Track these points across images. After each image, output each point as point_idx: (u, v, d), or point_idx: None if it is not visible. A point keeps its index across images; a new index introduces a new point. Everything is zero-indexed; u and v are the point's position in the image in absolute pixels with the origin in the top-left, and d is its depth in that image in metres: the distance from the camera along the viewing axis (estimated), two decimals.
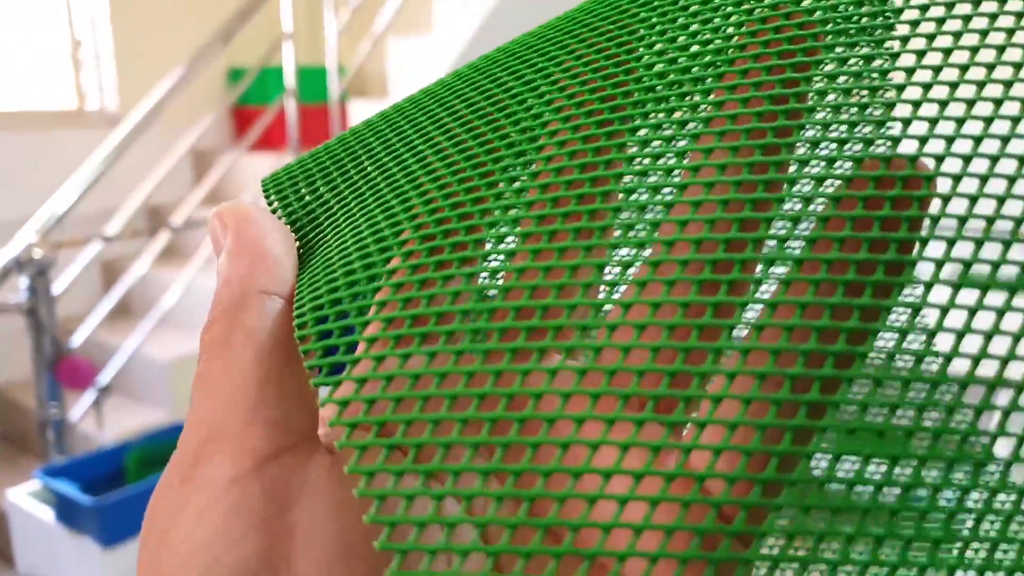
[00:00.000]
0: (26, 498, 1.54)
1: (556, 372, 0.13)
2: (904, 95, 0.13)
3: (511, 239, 0.16)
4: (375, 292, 0.15)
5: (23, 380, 2.37)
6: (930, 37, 0.13)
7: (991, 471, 0.12)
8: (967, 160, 0.12)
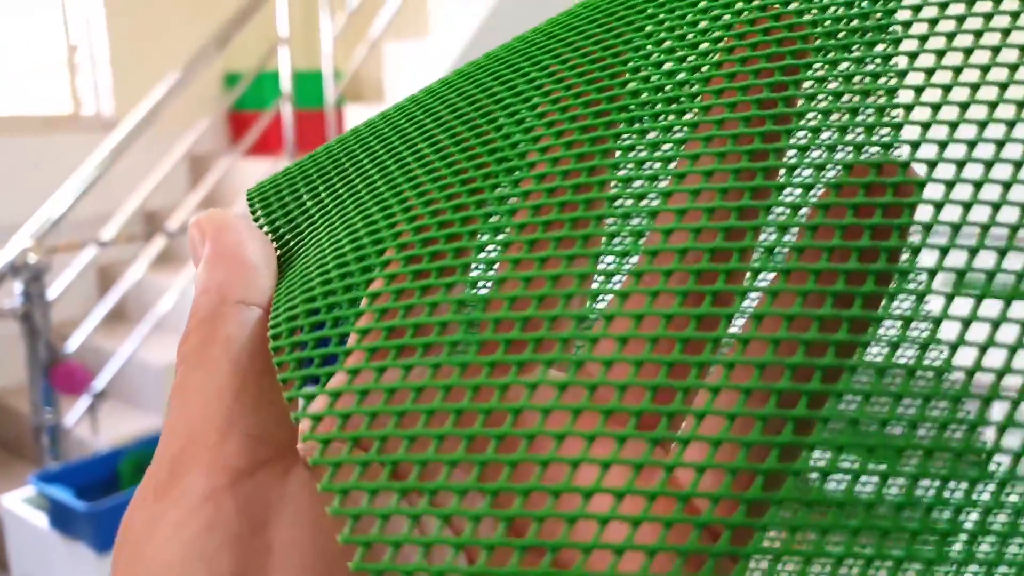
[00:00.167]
0: (20, 504, 1.53)
1: (536, 387, 0.12)
2: (896, 98, 0.13)
3: (494, 250, 0.16)
4: (353, 304, 0.14)
5: (18, 385, 2.36)
6: (923, 38, 0.13)
7: (985, 489, 0.12)
8: (960, 165, 0.12)
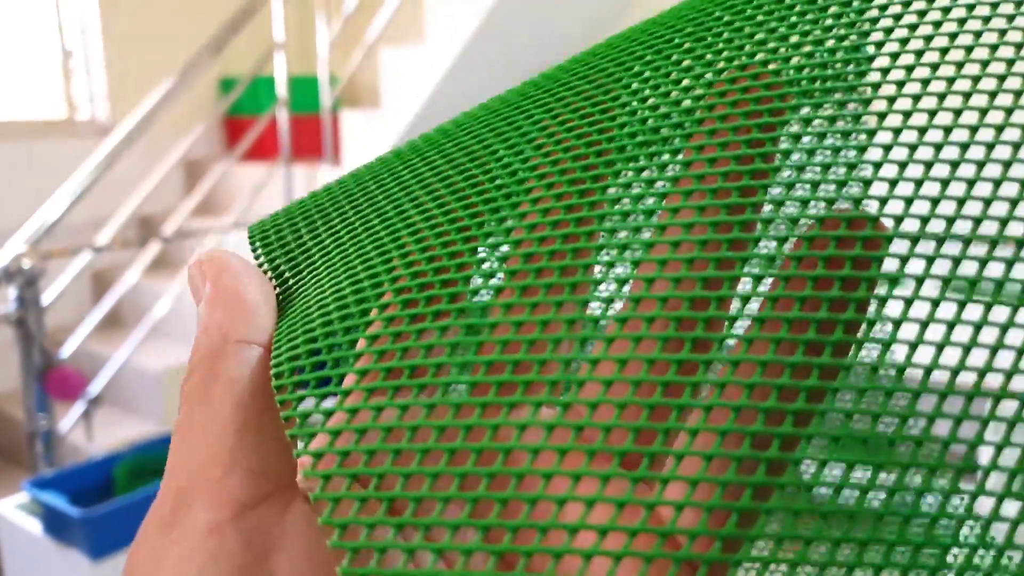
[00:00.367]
0: (14, 510, 1.53)
1: (525, 427, 0.13)
2: (869, 154, 0.14)
3: (487, 295, 0.16)
4: (353, 344, 0.15)
5: (11, 391, 2.36)
6: (891, 99, 0.14)
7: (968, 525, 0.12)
8: (925, 221, 0.13)
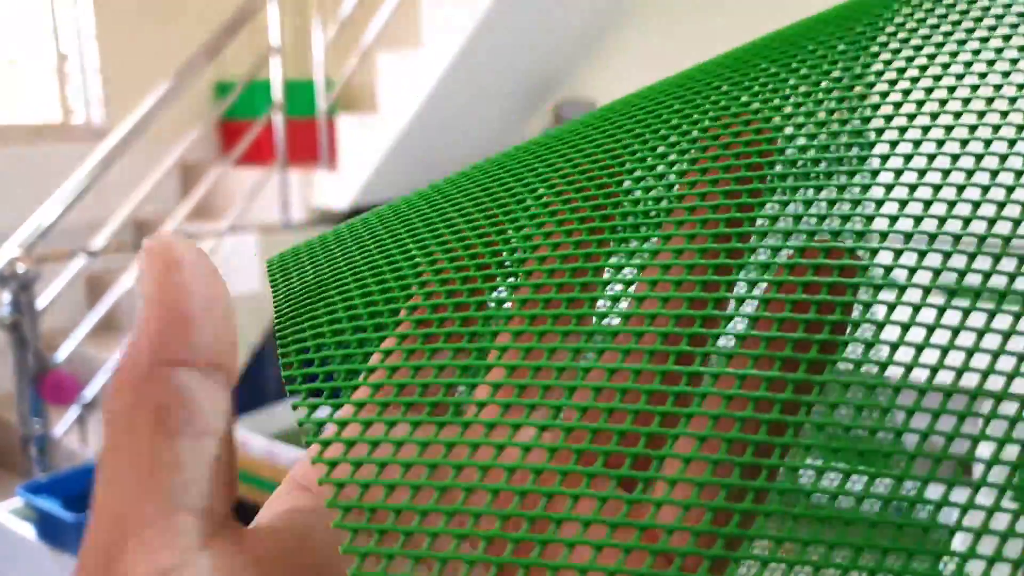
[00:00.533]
0: (7, 515, 1.52)
1: (530, 449, 0.14)
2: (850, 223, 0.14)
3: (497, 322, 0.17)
4: (366, 357, 0.15)
5: (6, 395, 2.35)
6: (874, 172, 0.14)
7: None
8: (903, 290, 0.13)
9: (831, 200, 0.15)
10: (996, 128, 0.15)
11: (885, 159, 0.15)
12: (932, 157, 0.14)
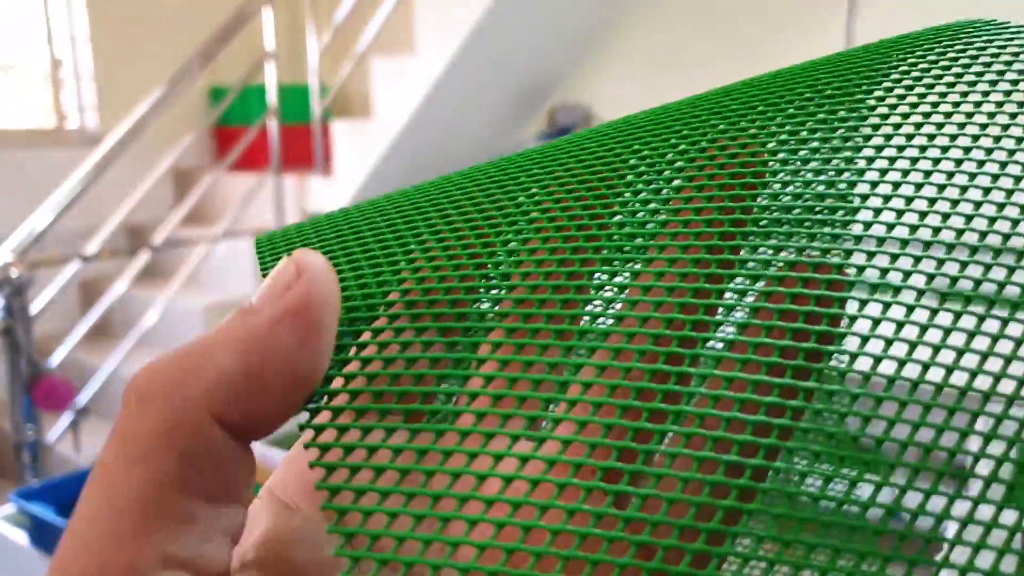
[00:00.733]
0: (0, 521, 1.52)
1: (501, 457, 0.14)
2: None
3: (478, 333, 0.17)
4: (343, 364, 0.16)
5: None
6: (867, 224, 0.14)
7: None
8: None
9: (822, 220, 0.15)
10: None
11: (875, 185, 0.16)
12: (920, 186, 0.15)
